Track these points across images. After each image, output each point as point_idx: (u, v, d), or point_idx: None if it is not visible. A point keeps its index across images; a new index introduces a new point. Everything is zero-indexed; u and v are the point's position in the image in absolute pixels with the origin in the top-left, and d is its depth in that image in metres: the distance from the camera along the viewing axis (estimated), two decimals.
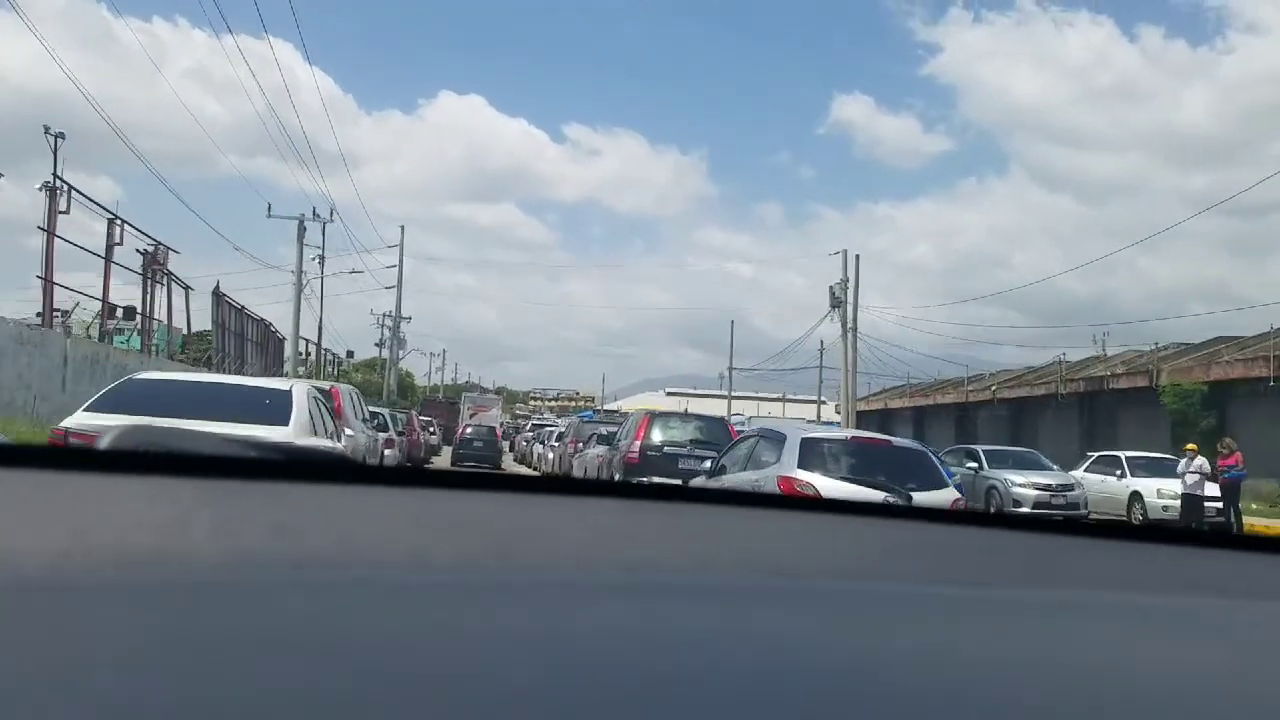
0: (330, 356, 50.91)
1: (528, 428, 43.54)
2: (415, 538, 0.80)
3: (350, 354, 61.79)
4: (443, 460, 35.25)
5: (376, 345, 60.13)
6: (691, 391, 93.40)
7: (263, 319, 37.01)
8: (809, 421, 47.43)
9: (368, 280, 59.67)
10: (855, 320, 36.98)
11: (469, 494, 1.03)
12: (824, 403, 63.52)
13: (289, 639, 0.53)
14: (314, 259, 44.37)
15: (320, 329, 45.46)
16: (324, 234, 43.53)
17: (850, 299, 36.78)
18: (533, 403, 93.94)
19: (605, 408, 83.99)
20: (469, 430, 34.65)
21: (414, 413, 31.51)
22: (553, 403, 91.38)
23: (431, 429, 38.40)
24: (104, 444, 0.98)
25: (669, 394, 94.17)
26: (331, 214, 33.32)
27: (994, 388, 34.49)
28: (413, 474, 1.05)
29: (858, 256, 37.57)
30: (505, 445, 37.16)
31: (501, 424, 43.10)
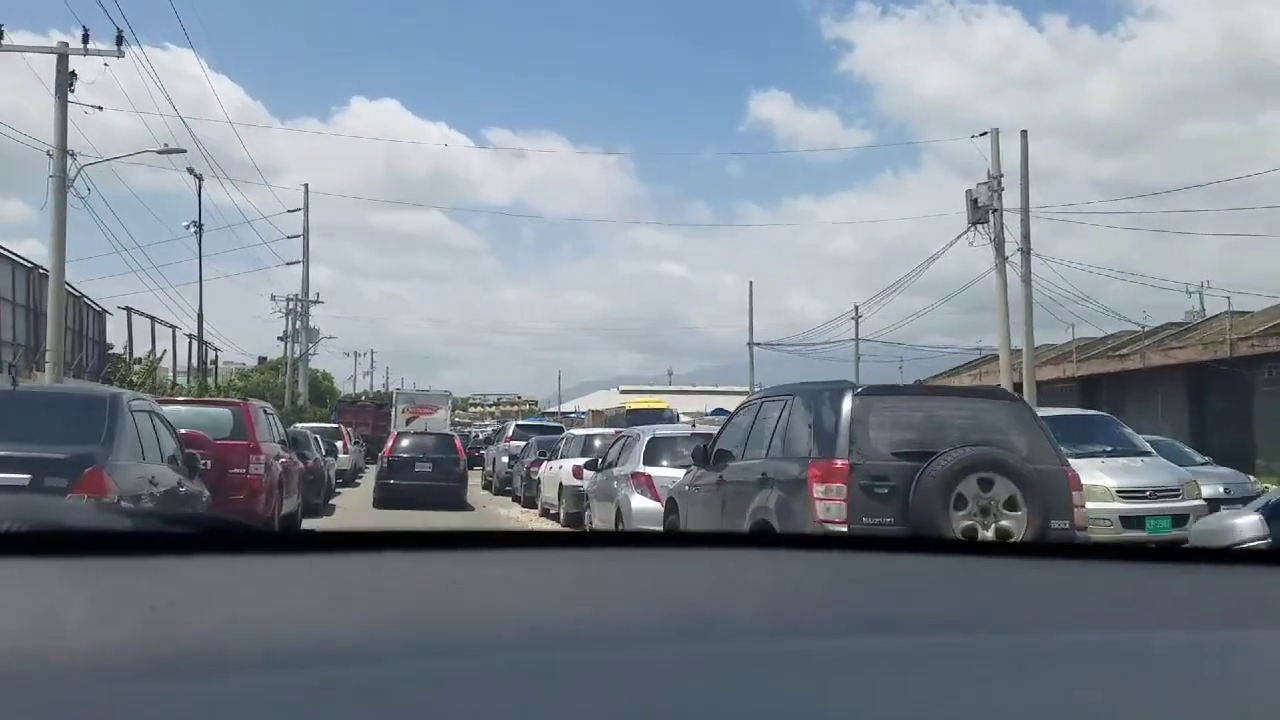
0: (210, 352, 35.08)
1: (505, 435, 26.08)
2: (313, 614, 0.70)
3: (263, 359, 47.77)
4: (360, 495, 20.34)
5: (280, 339, 45.51)
6: (647, 388, 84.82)
7: (28, 261, 20.99)
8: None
9: (267, 266, 44.18)
10: (1027, 231, 22.53)
11: (389, 555, 0.86)
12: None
13: None
14: (187, 226, 29.43)
15: (200, 318, 29.95)
16: (200, 194, 28.74)
17: (1019, 203, 22.57)
18: (473, 409, 79.92)
19: (560, 409, 70.93)
20: (405, 443, 19.09)
21: (255, 407, 12.37)
22: (493, 408, 78.79)
23: (337, 447, 23.03)
24: None
25: (623, 391, 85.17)
26: (119, 43, 17.64)
27: None
28: (313, 538, 0.89)
29: (1025, 133, 23.30)
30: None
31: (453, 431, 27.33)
